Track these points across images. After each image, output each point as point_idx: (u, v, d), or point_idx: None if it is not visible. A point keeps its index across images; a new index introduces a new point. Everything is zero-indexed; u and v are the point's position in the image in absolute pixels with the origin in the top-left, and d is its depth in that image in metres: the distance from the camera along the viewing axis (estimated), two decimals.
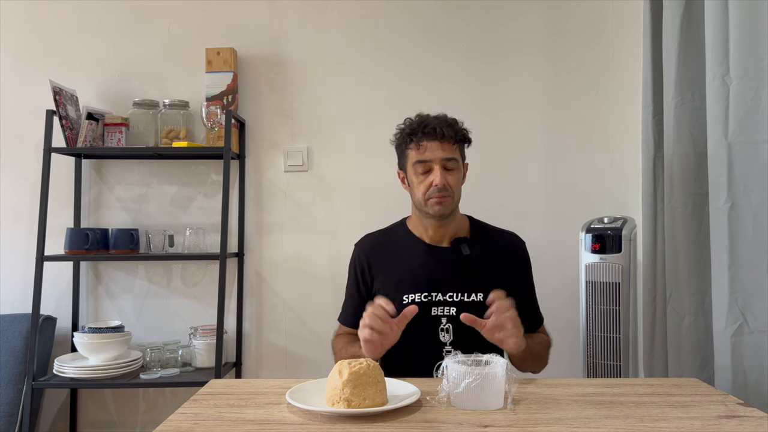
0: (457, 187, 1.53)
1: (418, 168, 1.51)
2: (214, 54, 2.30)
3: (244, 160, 2.39)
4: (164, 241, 2.27)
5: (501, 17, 2.38)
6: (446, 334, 1.51)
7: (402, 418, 1.08)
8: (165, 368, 2.18)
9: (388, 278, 1.58)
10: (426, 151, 1.49)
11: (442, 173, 1.48)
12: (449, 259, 1.56)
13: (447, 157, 1.49)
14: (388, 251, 1.61)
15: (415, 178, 1.53)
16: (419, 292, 1.52)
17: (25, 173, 2.39)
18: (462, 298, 1.52)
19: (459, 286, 1.52)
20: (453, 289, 1.52)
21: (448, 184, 1.49)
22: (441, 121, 1.52)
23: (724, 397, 1.20)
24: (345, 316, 1.66)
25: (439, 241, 1.59)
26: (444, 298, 1.52)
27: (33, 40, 2.41)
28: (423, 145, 1.50)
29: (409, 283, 1.53)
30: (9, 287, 2.38)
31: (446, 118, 1.54)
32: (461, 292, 1.52)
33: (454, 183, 1.51)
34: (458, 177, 1.53)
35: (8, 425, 2.10)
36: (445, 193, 1.49)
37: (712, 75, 1.70)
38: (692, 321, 1.88)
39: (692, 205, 1.90)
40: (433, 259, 1.56)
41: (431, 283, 1.53)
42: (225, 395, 1.24)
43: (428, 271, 1.54)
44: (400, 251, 1.60)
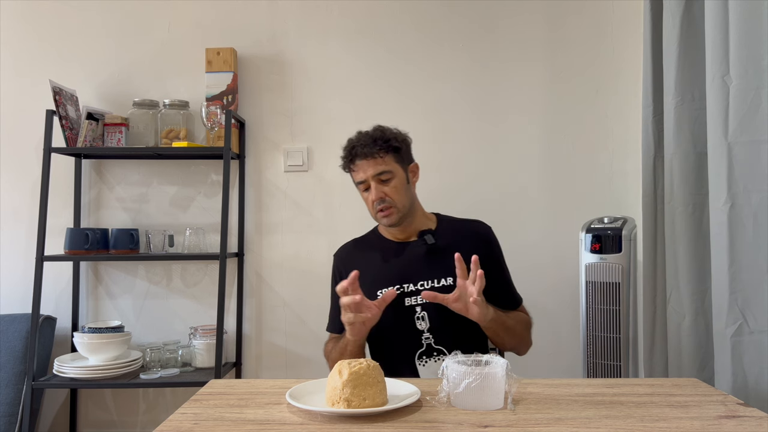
0: (399, 194, 1.58)
1: (360, 188, 1.63)
2: (214, 54, 2.30)
3: (244, 160, 2.39)
4: (164, 241, 2.27)
5: (501, 17, 2.38)
6: (422, 322, 1.56)
7: (402, 418, 1.08)
8: (165, 368, 2.18)
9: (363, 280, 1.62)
10: (359, 171, 1.59)
11: (377, 188, 1.57)
12: (417, 251, 1.63)
13: (378, 172, 1.57)
14: (361, 256, 1.69)
15: (363, 197, 1.63)
16: (390, 285, 1.58)
17: (25, 173, 2.39)
18: (432, 284, 1.57)
19: (428, 274, 1.58)
20: (423, 278, 1.58)
21: (387, 196, 1.57)
22: (367, 138, 1.58)
23: (724, 397, 1.20)
24: (332, 324, 1.70)
25: (406, 238, 1.67)
26: (416, 288, 1.58)
27: (33, 40, 2.41)
28: (356, 167, 1.59)
29: (381, 279, 1.60)
30: (9, 287, 2.38)
31: (373, 133, 1.60)
32: (431, 279, 1.58)
33: (392, 193, 1.58)
34: (397, 185, 1.59)
35: (8, 425, 2.10)
36: (385, 206, 1.57)
37: (712, 75, 1.70)
38: (692, 321, 1.88)
39: (692, 205, 1.90)
40: (402, 254, 1.64)
41: (402, 276, 1.59)
42: (225, 395, 1.24)
43: (398, 265, 1.62)
44: (372, 254, 1.68)
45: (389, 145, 1.58)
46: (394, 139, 1.60)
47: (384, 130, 1.62)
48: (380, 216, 1.59)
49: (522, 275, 2.31)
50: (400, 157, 1.62)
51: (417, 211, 1.66)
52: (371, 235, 1.75)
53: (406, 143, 1.65)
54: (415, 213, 1.65)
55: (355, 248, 1.74)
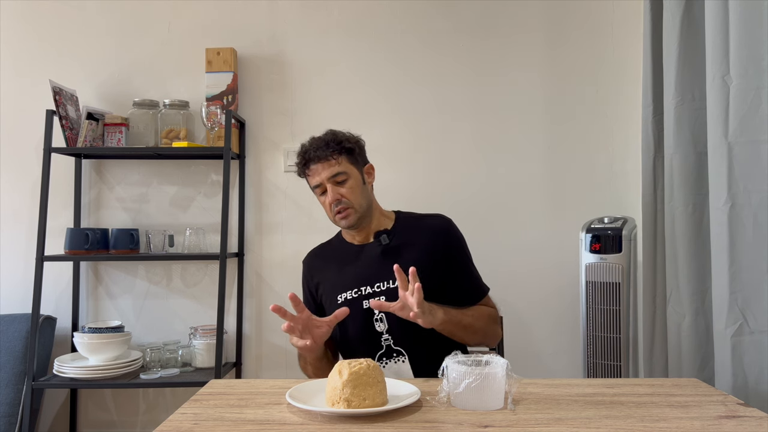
0: (355, 195, 1.58)
1: (317, 192, 1.62)
2: (214, 54, 2.30)
3: (244, 160, 2.39)
4: (164, 241, 2.27)
5: (501, 17, 2.38)
6: (381, 323, 1.56)
7: (402, 418, 1.08)
8: (165, 368, 2.18)
9: (326, 285, 1.67)
10: (314, 175, 1.59)
11: (333, 190, 1.57)
12: (373, 253, 1.62)
13: (331, 175, 1.57)
14: (325, 261, 1.71)
15: (319, 201, 1.64)
16: (349, 289, 1.59)
17: (25, 173, 2.39)
18: (389, 285, 1.56)
19: (384, 275, 1.57)
20: (379, 280, 1.58)
21: (344, 197, 1.57)
22: (320, 142, 1.59)
23: (724, 397, 1.20)
24: None
25: (364, 240, 1.67)
26: (373, 290, 1.58)
27: (33, 40, 2.41)
28: (310, 171, 1.60)
29: (340, 284, 1.61)
30: (9, 287, 2.38)
31: (325, 137, 1.61)
32: (386, 280, 1.57)
33: (348, 193, 1.57)
34: (353, 185, 1.59)
35: (8, 425, 2.10)
36: (343, 207, 1.57)
37: (712, 75, 1.70)
38: (692, 321, 1.88)
39: (692, 205, 1.90)
40: (359, 257, 1.64)
41: (359, 279, 1.59)
42: (225, 395, 1.24)
43: (355, 268, 1.62)
44: (334, 258, 1.69)
45: (342, 146, 1.59)
46: (347, 140, 1.61)
47: (336, 133, 1.63)
48: (338, 218, 1.59)
49: (522, 275, 2.33)
50: (354, 158, 1.62)
51: (375, 211, 1.66)
52: (334, 239, 1.76)
53: (359, 145, 1.65)
54: (372, 214, 1.65)
55: (319, 254, 1.75)
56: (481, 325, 1.59)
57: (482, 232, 2.26)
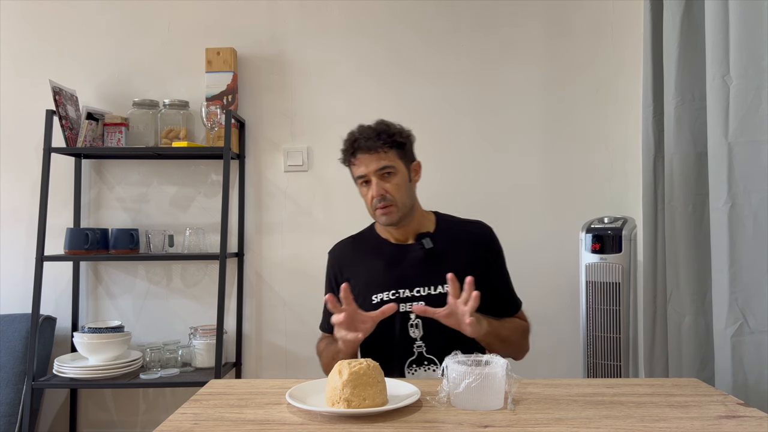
0: (400, 192, 1.53)
1: (359, 183, 1.56)
2: (214, 54, 2.30)
3: (244, 160, 2.39)
4: (164, 241, 2.27)
5: (501, 17, 2.38)
6: (416, 330, 1.51)
7: (402, 418, 1.08)
8: (165, 368, 2.18)
9: (358, 281, 1.59)
10: (360, 165, 1.53)
11: (378, 184, 1.51)
12: (414, 255, 1.57)
13: (380, 167, 1.51)
14: (357, 255, 1.64)
15: (361, 193, 1.58)
16: (386, 290, 1.53)
17: (25, 173, 2.39)
18: (429, 291, 1.52)
19: (425, 280, 1.53)
20: (419, 284, 1.53)
21: (388, 193, 1.51)
22: (371, 131, 1.53)
23: (724, 397, 1.20)
24: (325, 324, 1.67)
25: (403, 239, 1.61)
26: (412, 294, 1.53)
27: (33, 40, 2.41)
28: (357, 161, 1.53)
29: (377, 283, 1.55)
30: (9, 287, 2.38)
31: (377, 127, 1.55)
32: (427, 285, 1.52)
33: (393, 190, 1.52)
34: (399, 182, 1.53)
35: (8, 425, 2.10)
36: (386, 203, 1.51)
37: (712, 75, 1.70)
38: (692, 321, 1.88)
39: (692, 205, 1.90)
40: (398, 257, 1.58)
41: (398, 281, 1.54)
42: (225, 395, 1.24)
43: (394, 269, 1.56)
44: (368, 254, 1.62)
45: (393, 140, 1.53)
46: (399, 134, 1.55)
47: (388, 124, 1.56)
48: (379, 214, 1.53)
49: (522, 275, 2.31)
50: (404, 153, 1.56)
51: (416, 210, 1.60)
52: (368, 233, 1.69)
53: (410, 140, 1.60)
54: (414, 213, 1.59)
55: (350, 247, 1.68)
56: (517, 338, 1.56)
57: None
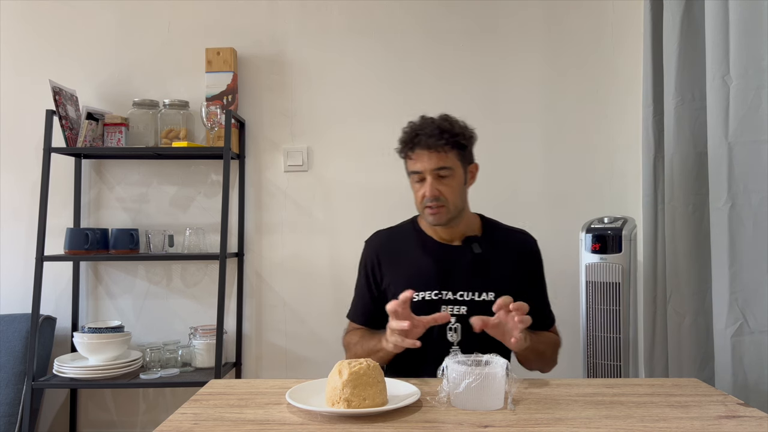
0: (454, 194, 1.49)
1: (414, 177, 1.51)
2: (214, 54, 2.30)
3: (244, 160, 2.39)
4: (164, 241, 2.27)
5: (501, 17, 2.38)
6: (454, 334, 1.49)
7: (402, 418, 1.08)
8: (165, 368, 2.18)
9: (398, 275, 1.56)
10: (417, 161, 1.48)
11: (432, 184, 1.46)
12: (460, 258, 1.54)
13: (437, 167, 1.46)
14: (398, 248, 1.59)
15: (413, 187, 1.53)
16: (429, 290, 1.50)
17: (25, 173, 2.39)
18: (473, 297, 1.50)
19: (470, 285, 1.50)
20: (464, 288, 1.50)
21: (441, 194, 1.47)
22: (434, 128, 1.47)
23: (724, 397, 1.20)
24: (355, 314, 1.64)
25: (449, 239, 1.57)
26: (454, 297, 1.50)
27: (33, 40, 2.41)
28: (415, 155, 1.48)
29: (420, 281, 1.51)
30: (9, 287, 2.38)
31: (441, 123, 1.49)
32: (472, 291, 1.50)
33: (447, 191, 1.48)
34: (454, 184, 1.49)
35: (8, 425, 2.10)
36: (438, 204, 1.47)
37: (712, 75, 1.70)
38: (692, 321, 1.88)
39: (692, 205, 1.90)
40: (443, 258, 1.54)
41: (441, 282, 1.51)
42: (225, 395, 1.24)
43: (439, 269, 1.52)
44: (410, 249, 1.58)
45: (456, 140, 1.47)
46: (462, 135, 1.49)
47: (452, 122, 1.50)
48: (428, 213, 1.48)
49: None
50: (463, 155, 1.51)
51: (466, 212, 1.56)
52: (409, 226, 1.63)
53: (472, 141, 1.53)
54: (463, 215, 1.54)
55: (390, 238, 1.62)
56: (551, 353, 1.55)
57: None
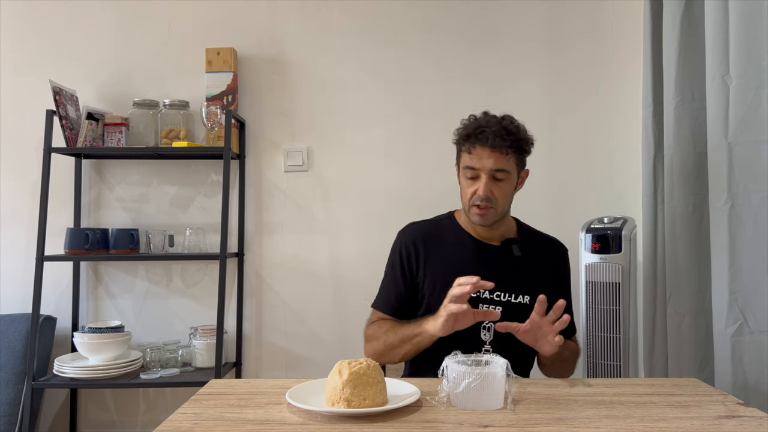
0: (504, 197, 1.49)
1: (467, 173, 1.49)
2: (214, 54, 2.30)
3: (244, 160, 2.39)
4: (164, 241, 2.27)
5: (501, 17, 2.38)
6: (487, 333, 1.48)
7: (402, 418, 1.08)
8: (165, 368, 2.18)
9: (435, 268, 1.55)
10: (476, 158, 1.46)
11: (487, 184, 1.45)
12: (499, 259, 1.54)
13: (496, 168, 1.45)
14: (435, 241, 1.58)
15: (464, 182, 1.52)
16: None
17: (25, 173, 2.39)
18: (509, 298, 1.50)
19: (507, 286, 1.50)
20: (501, 289, 1.50)
21: (493, 196, 1.46)
22: (499, 128, 1.46)
23: (724, 397, 1.20)
24: (384, 303, 1.60)
25: (488, 239, 1.57)
26: (491, 297, 1.50)
27: (33, 40, 2.41)
28: (475, 151, 1.47)
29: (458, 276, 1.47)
30: (9, 287, 2.38)
31: (508, 125, 1.48)
32: (509, 292, 1.50)
33: (499, 194, 1.47)
34: (507, 188, 1.49)
35: (8, 425, 2.10)
36: (487, 204, 1.46)
37: (712, 75, 1.70)
38: (692, 321, 1.88)
39: (692, 205, 1.90)
40: (483, 256, 1.54)
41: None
42: (225, 395, 1.24)
43: (478, 267, 1.50)
44: (448, 243, 1.58)
45: (519, 144, 1.47)
46: (525, 141, 1.49)
47: (517, 125, 1.49)
48: (475, 212, 1.48)
49: None
50: (521, 160, 1.52)
51: (508, 215, 1.58)
52: (447, 221, 1.63)
53: (531, 148, 1.54)
54: (506, 218, 1.57)
55: (429, 231, 1.61)
56: (572, 361, 1.56)
57: None
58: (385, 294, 1.62)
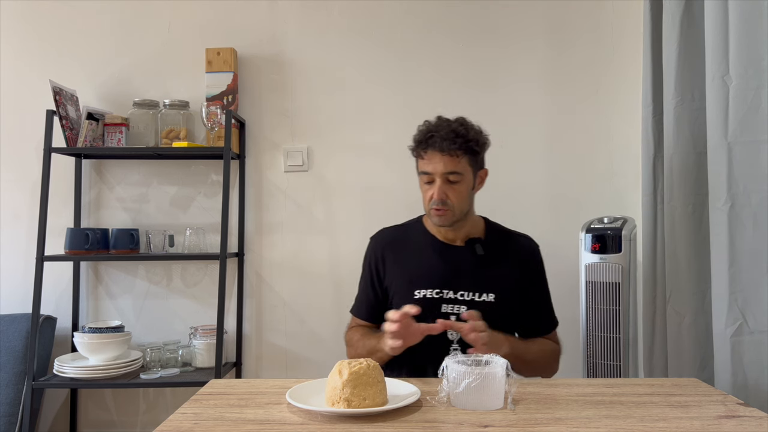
0: (460, 199, 1.51)
1: (423, 178, 1.53)
2: (214, 54, 2.30)
3: (244, 160, 2.39)
4: (164, 241, 2.27)
5: (501, 17, 2.38)
6: (454, 333, 1.49)
7: (402, 418, 1.08)
8: (165, 368, 2.18)
9: (401, 272, 1.58)
10: (429, 162, 1.49)
11: (441, 187, 1.48)
12: (463, 258, 1.56)
13: (448, 170, 1.48)
14: (402, 246, 1.62)
15: (421, 186, 1.55)
16: (431, 288, 1.53)
17: (25, 173, 2.39)
18: (473, 297, 1.52)
19: (471, 285, 1.53)
20: (465, 288, 1.52)
21: (448, 198, 1.49)
22: (448, 132, 1.48)
23: (724, 397, 1.21)
24: (358, 309, 1.67)
25: (453, 240, 1.60)
26: (455, 296, 1.52)
27: (33, 40, 2.41)
28: (427, 156, 1.50)
29: (422, 279, 1.54)
30: (9, 287, 2.38)
31: (457, 128, 1.50)
32: (473, 291, 1.52)
33: (454, 196, 1.49)
34: (462, 189, 1.51)
35: (8, 425, 2.10)
36: (443, 207, 1.49)
37: (712, 75, 1.70)
38: (692, 321, 1.88)
39: (692, 205, 1.90)
40: (446, 257, 1.57)
41: (443, 281, 1.53)
42: (225, 395, 1.24)
43: (441, 268, 1.55)
44: (414, 247, 1.61)
45: (469, 146, 1.49)
46: (476, 141, 1.51)
47: (468, 127, 1.52)
48: (434, 213, 1.51)
49: None
50: (475, 160, 1.54)
51: (471, 215, 1.60)
52: (415, 225, 1.66)
53: (485, 148, 1.56)
54: (468, 218, 1.58)
55: (396, 235, 1.65)
56: (543, 362, 1.56)
57: None
58: (360, 300, 1.67)
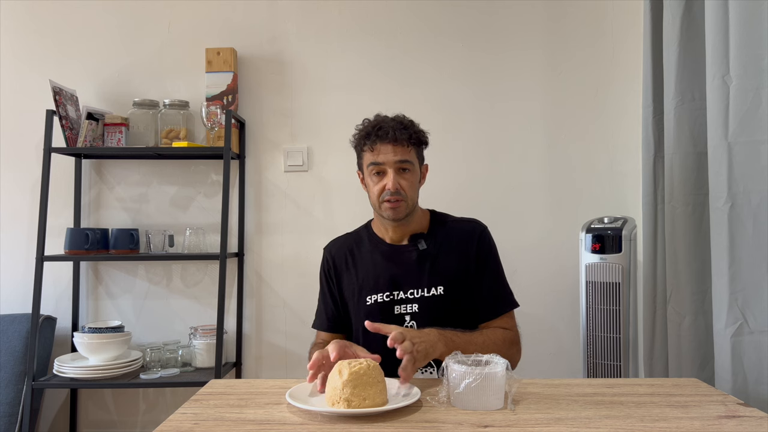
0: (412, 190, 1.51)
1: (373, 170, 1.51)
2: (214, 54, 2.30)
3: (244, 160, 2.39)
4: (164, 241, 2.27)
5: (501, 17, 2.38)
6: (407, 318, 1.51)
7: (402, 418, 1.08)
8: (165, 368, 2.18)
9: (351, 280, 1.59)
10: (380, 153, 1.49)
11: (395, 177, 1.48)
12: (408, 257, 1.56)
13: (400, 159, 1.48)
14: (351, 254, 1.62)
15: (370, 180, 1.53)
16: (380, 292, 1.53)
17: (25, 173, 2.39)
18: (423, 293, 1.52)
19: (418, 282, 1.52)
20: (413, 286, 1.52)
21: (402, 188, 1.48)
22: (396, 123, 1.50)
23: (724, 397, 1.20)
24: (320, 322, 1.66)
25: (399, 240, 1.59)
26: (405, 296, 1.52)
27: (33, 40, 2.41)
28: (377, 148, 1.49)
29: (371, 285, 1.55)
30: (9, 287, 2.38)
31: (402, 119, 1.53)
32: (421, 288, 1.52)
33: (407, 186, 1.49)
34: (413, 179, 1.51)
35: (8, 425, 2.10)
36: (398, 197, 1.48)
37: (712, 75, 1.70)
38: (692, 321, 1.88)
39: (692, 205, 1.90)
40: (393, 259, 1.57)
41: (392, 283, 1.53)
42: (225, 395, 1.24)
43: (389, 270, 1.55)
44: (363, 253, 1.61)
45: (417, 137, 1.52)
46: (422, 133, 1.54)
47: (412, 121, 1.55)
48: (386, 207, 1.49)
49: (522, 275, 2.33)
50: (420, 153, 1.56)
51: (417, 210, 1.59)
52: (363, 232, 1.66)
53: (427, 141, 1.58)
54: (415, 212, 1.57)
55: (346, 245, 1.65)
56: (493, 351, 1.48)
57: None
58: (320, 312, 1.68)
